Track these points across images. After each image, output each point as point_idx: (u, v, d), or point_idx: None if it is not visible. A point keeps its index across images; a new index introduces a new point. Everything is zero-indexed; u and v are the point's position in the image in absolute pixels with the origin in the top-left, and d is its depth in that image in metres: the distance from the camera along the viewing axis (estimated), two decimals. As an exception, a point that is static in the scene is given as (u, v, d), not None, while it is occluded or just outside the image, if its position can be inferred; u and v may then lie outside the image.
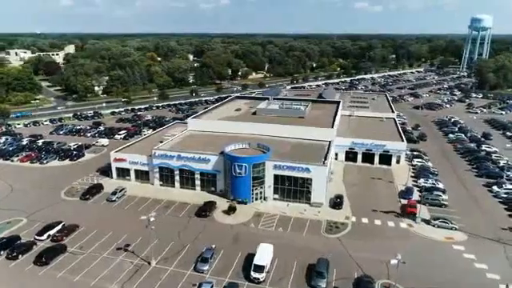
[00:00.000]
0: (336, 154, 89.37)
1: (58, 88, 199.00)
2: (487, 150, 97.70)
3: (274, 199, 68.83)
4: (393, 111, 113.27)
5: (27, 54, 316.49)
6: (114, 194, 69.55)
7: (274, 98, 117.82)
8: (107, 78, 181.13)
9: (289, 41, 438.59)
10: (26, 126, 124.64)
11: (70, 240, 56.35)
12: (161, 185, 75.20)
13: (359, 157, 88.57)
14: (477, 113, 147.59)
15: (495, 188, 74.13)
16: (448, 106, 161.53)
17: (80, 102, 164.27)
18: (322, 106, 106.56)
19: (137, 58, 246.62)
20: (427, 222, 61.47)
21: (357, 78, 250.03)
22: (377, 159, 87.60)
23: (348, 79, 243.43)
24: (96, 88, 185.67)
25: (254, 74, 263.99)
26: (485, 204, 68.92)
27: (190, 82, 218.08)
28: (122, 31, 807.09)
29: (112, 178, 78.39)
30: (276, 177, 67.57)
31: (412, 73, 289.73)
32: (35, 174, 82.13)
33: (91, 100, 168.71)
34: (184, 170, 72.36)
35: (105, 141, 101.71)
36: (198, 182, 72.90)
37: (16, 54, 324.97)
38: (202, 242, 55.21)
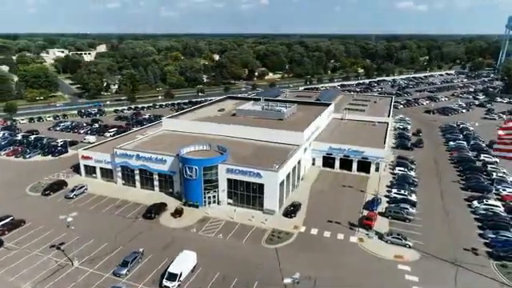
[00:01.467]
0: (313, 159, 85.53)
1: (78, 86, 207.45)
2: (486, 160, 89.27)
3: (228, 204, 66.50)
4: (389, 115, 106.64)
5: (63, 54, 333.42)
6: (72, 191, 70.36)
7: (265, 99, 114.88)
8: (119, 76, 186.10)
9: (320, 41, 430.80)
10: (31, 121, 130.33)
11: (12, 235, 57.40)
12: (123, 184, 75.19)
13: (337, 163, 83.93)
14: (494, 119, 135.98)
15: (475, 203, 67.17)
16: (464, 110, 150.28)
17: (91, 100, 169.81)
18: (309, 109, 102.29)
19: (157, 58, 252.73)
20: (381, 236, 56.66)
21: (377, 79, 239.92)
22: (355, 166, 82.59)
23: (367, 81, 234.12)
24: (112, 86, 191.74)
25: (271, 74, 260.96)
26: (457, 220, 62.49)
27: (204, 81, 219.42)
28: (166, 31, 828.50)
29: (81, 175, 79.61)
30: (229, 181, 65.24)
31: (441, 75, 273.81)
32: (13, 168, 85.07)
33: (102, 98, 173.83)
34: (143, 170, 71.85)
35: (92, 138, 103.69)
36: (156, 183, 72.10)
37: (54, 53, 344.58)
38: (135, 245, 54.14)
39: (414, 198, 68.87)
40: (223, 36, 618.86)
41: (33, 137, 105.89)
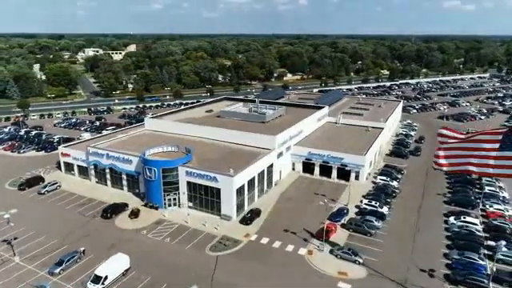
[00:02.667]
0: (293, 164, 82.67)
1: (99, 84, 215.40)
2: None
3: (189, 207, 65.50)
4: (385, 121, 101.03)
5: (96, 53, 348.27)
6: (44, 187, 72.38)
7: (261, 101, 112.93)
8: (135, 75, 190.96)
9: (352, 41, 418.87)
10: (41, 117, 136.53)
11: (-28, 228, 59.78)
12: (96, 182, 76.40)
13: (316, 169, 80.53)
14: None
15: (451, 219, 61.73)
16: (483, 117, 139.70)
17: (106, 98, 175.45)
18: (301, 112, 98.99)
19: (178, 58, 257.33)
20: (332, 250, 53.31)
21: (399, 82, 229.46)
22: (334, 173, 78.85)
23: (388, 83, 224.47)
24: (130, 85, 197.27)
25: (290, 75, 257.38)
26: (425, 237, 57.56)
27: (219, 81, 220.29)
28: (206, 32, 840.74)
29: (61, 171, 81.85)
30: (189, 184, 64.21)
31: (472, 78, 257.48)
32: (4, 162, 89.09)
33: (116, 96, 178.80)
34: (112, 169, 72.53)
35: (87, 135, 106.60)
36: (124, 183, 72.56)
37: (88, 52, 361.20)
38: (82, 244, 54.50)
39: (385, 210, 64.44)
40: (259, 36, 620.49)
41: (33, 133, 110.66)
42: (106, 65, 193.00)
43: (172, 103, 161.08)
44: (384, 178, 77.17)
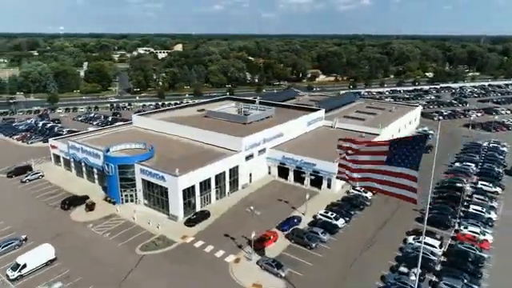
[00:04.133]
0: (269, 168, 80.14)
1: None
2: (482, 188, 73.10)
3: (145, 204, 66.36)
4: (382, 127, 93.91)
5: (146, 52, 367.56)
6: (27, 176, 77.61)
7: (260, 102, 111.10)
8: (163, 74, 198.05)
9: (408, 42, 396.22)
10: (66, 111, 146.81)
11: None
12: (76, 174, 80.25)
13: (291, 174, 77.24)
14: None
15: (410, 239, 55.72)
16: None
17: (133, 94, 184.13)
18: (295, 114, 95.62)
19: (214, 58, 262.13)
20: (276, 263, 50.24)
21: (440, 86, 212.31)
22: (307, 179, 75.02)
23: (427, 87, 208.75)
24: (160, 83, 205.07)
25: (323, 76, 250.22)
26: (371, 256, 52.50)
27: (248, 81, 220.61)
28: (266, 32, 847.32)
29: (52, 162, 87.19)
30: (144, 181, 64.96)
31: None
32: (10, 151, 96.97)
33: (146, 93, 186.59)
34: (85, 162, 75.71)
35: (91, 129, 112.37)
36: (95, 176, 75.33)
37: (139, 51, 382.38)
38: (32, 232, 57.48)
39: (340, 222, 59.89)
40: (314, 37, 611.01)
41: (49, 125, 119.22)
42: (135, 63, 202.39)
43: (191, 101, 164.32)
44: (358, 188, 71.76)
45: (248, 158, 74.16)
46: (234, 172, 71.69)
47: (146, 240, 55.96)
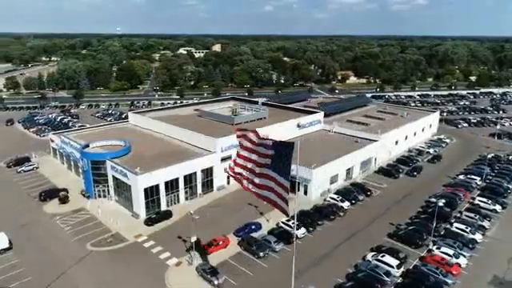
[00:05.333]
0: (251, 171, 77.91)
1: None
2: (479, 204, 65.68)
3: (116, 201, 67.35)
4: (381, 133, 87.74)
5: (184, 52, 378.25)
6: (21, 167, 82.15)
7: (263, 103, 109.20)
8: (189, 73, 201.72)
9: (458, 44, 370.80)
10: (89, 107, 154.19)
11: None
12: (67, 168, 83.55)
13: (271, 178, 74.47)
14: None
15: (369, 255, 51.10)
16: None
17: (158, 92, 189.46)
18: (293, 115, 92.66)
19: (244, 58, 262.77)
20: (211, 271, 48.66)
21: (480, 91, 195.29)
22: (286, 185, 71.82)
23: (464, 92, 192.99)
24: (183, 82, 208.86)
25: (354, 78, 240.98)
26: (320, 272, 48.95)
27: (274, 82, 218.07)
28: (319, 33, 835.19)
29: (51, 155, 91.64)
30: (114, 178, 65.89)
31: None
32: (20, 142, 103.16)
33: (167, 91, 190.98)
34: (72, 157, 78.52)
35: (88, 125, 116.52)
36: (80, 170, 77.79)
37: (181, 51, 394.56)
38: (1, 221, 60.47)
39: (300, 232, 56.50)
40: (366, 37, 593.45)
41: (65, 120, 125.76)
42: (161, 62, 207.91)
43: (196, 100, 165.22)
44: (336, 196, 67.49)
45: (225, 159, 72.56)
46: (208, 173, 70.64)
47: (102, 236, 56.65)
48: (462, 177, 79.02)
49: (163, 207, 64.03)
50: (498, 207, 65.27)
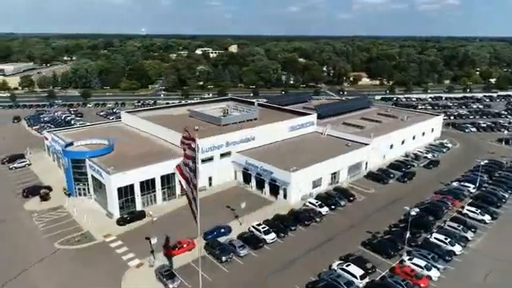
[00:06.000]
0: (235, 173, 77.00)
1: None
2: (465, 212, 62.15)
3: (95, 199, 67.77)
4: (372, 137, 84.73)
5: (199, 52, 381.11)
6: (13, 163, 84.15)
7: (259, 104, 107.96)
8: (197, 73, 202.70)
9: (483, 45, 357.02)
10: (96, 105, 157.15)
11: None
12: (58, 165, 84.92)
13: (253, 180, 73.28)
14: None
15: (334, 264, 48.99)
16: None
17: (164, 92, 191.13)
18: (288, 117, 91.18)
19: (257, 58, 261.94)
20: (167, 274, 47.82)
21: (497, 94, 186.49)
22: (267, 187, 70.51)
23: (480, 95, 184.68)
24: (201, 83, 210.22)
25: (366, 79, 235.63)
26: (270, 281, 47.32)
27: (283, 83, 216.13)
28: (342, 34, 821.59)
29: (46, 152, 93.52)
30: (93, 177, 66.29)
31: None
32: (19, 140, 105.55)
33: (174, 91, 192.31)
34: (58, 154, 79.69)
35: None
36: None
37: (196, 52, 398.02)
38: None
39: (269, 237, 54.99)
40: (390, 38, 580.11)
41: (68, 118, 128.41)
42: (171, 62, 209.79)
43: (205, 100, 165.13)
44: (315, 201, 65.48)
45: (206, 160, 71.84)
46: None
47: (72, 234, 56.93)
48: (455, 184, 75.27)
49: (138, 207, 63.92)
50: (487, 218, 61.57)
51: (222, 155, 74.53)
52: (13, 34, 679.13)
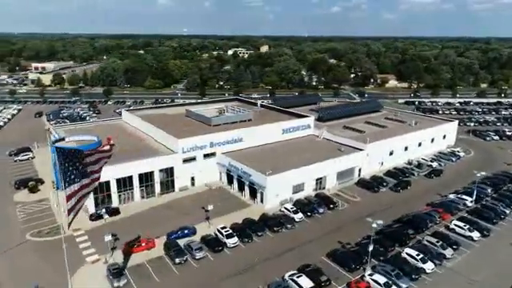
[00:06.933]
0: (220, 174, 76.29)
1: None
2: (454, 228, 57.20)
3: (79, 194, 69.69)
4: (367, 142, 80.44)
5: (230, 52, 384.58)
6: (18, 156, 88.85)
7: (261, 105, 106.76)
8: (220, 74, 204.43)
9: None
10: (116, 103, 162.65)
11: None
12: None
13: (235, 182, 72.18)
14: None
15: (286, 275, 46.68)
16: None
17: (182, 91, 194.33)
18: (285, 119, 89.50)
19: (283, 59, 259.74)
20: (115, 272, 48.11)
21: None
22: (247, 190, 69.12)
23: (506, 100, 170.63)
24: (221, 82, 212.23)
25: (394, 82, 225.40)
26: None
27: (306, 84, 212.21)
28: (386, 34, 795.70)
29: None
30: (76, 172, 68.22)
31: None
32: (38, 133, 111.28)
33: (193, 90, 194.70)
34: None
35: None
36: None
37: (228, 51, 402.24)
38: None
39: (231, 241, 53.74)
40: (434, 39, 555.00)
41: (84, 114, 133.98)
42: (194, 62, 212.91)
43: (208, 100, 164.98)
44: (290, 207, 63.16)
45: (188, 160, 71.69)
46: (168, 173, 70.34)
47: (45, 227, 58.92)
48: (452, 196, 69.66)
49: (115, 204, 65.00)
50: (475, 234, 56.28)
51: (206, 156, 74.01)
52: (67, 34, 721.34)
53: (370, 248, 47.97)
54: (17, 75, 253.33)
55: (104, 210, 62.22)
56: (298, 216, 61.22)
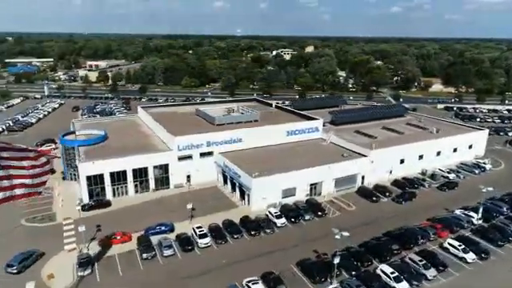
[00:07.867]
0: (217, 173, 76.33)
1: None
2: (447, 248, 51.94)
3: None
4: (372, 148, 75.59)
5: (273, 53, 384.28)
6: (42, 146, 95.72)
7: (276, 107, 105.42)
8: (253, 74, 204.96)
9: None
10: (149, 100, 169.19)
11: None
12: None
13: (229, 182, 71.73)
14: None
15: (244, 281, 45.25)
16: None
17: (212, 90, 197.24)
18: (290, 119, 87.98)
19: (322, 59, 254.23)
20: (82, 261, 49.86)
21: None
22: (237, 191, 68.38)
23: None
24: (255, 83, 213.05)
25: (439, 85, 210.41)
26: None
27: (342, 86, 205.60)
28: (450, 35, 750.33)
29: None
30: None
31: None
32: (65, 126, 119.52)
33: (224, 90, 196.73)
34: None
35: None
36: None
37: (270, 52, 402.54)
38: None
39: (203, 241, 53.48)
40: (502, 40, 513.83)
41: (115, 110, 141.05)
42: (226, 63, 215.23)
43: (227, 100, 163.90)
44: (273, 211, 61.29)
45: (183, 158, 72.49)
46: (164, 170, 71.68)
47: (41, 214, 62.77)
48: (458, 212, 63.40)
49: (109, 197, 67.53)
50: (469, 256, 50.67)
51: (203, 154, 74.34)
52: (129, 34, 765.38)
53: (336, 261, 44.99)
54: (72, 72, 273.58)
55: (93, 202, 64.83)
56: (281, 221, 59.31)
